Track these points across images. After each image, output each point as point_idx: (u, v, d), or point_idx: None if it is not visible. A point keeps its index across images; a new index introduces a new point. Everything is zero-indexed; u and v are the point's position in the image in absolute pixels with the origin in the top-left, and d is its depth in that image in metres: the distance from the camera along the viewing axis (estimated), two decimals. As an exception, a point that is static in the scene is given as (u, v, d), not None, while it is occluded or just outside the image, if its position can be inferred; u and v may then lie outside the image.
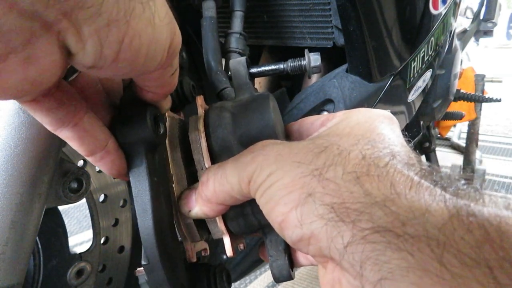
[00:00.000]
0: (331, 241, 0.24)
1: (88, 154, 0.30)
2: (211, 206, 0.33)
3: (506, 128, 3.30)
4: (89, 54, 0.22)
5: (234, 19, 0.59)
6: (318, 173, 0.27)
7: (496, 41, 6.17)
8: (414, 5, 0.68)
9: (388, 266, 0.21)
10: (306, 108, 0.65)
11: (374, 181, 0.25)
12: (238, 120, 0.35)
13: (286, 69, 0.50)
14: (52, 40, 0.21)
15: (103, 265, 0.56)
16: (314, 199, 0.26)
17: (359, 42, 0.60)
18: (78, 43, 0.21)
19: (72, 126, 0.28)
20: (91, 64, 0.23)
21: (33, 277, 0.49)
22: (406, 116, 0.84)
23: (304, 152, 0.29)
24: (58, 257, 0.50)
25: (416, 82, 0.77)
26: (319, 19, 0.64)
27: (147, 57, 0.24)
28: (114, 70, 0.24)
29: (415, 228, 0.22)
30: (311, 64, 0.49)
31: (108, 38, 0.22)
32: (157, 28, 0.24)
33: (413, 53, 0.71)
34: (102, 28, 0.21)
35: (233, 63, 0.42)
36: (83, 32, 0.21)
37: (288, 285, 1.41)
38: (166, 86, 0.31)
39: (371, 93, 0.65)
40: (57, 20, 0.20)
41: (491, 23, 1.71)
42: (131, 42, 0.23)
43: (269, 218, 0.29)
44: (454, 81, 1.13)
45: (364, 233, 0.23)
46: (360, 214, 0.24)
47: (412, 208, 0.23)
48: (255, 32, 0.74)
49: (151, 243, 0.31)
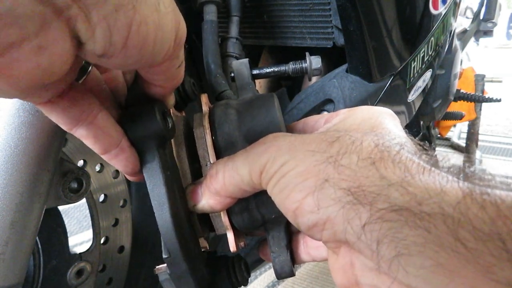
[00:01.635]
0: (348, 223, 0.25)
1: (102, 152, 0.31)
2: (219, 199, 0.33)
3: (506, 128, 3.30)
4: (99, 41, 0.22)
5: (230, 24, 0.61)
6: (333, 160, 0.27)
7: (496, 41, 6.17)
8: (414, 5, 0.68)
9: (405, 243, 0.22)
10: (306, 108, 0.65)
11: (389, 166, 0.26)
12: (243, 117, 0.35)
13: (287, 71, 0.51)
14: (63, 27, 0.21)
15: (103, 265, 0.56)
16: (331, 184, 0.26)
17: (359, 42, 0.60)
18: (88, 30, 0.21)
19: (87, 124, 0.29)
20: (101, 52, 0.23)
21: (33, 277, 0.49)
22: (406, 116, 0.84)
23: (317, 141, 0.29)
24: (58, 257, 0.50)
25: (416, 82, 0.77)
26: (319, 19, 0.64)
27: (155, 45, 0.25)
28: (124, 58, 0.24)
29: (431, 206, 0.23)
30: (312, 67, 0.50)
31: (116, 24, 0.22)
32: (163, 15, 0.25)
33: (413, 53, 0.71)
34: (110, 14, 0.21)
35: (236, 64, 0.42)
36: (92, 18, 0.21)
37: (288, 285, 1.41)
38: (173, 79, 0.31)
39: (371, 93, 0.65)
40: (67, 5, 0.20)
41: (491, 23, 1.71)
42: (138, 28, 0.23)
43: (283, 206, 0.29)
44: (454, 81, 1.13)
45: (381, 212, 0.24)
46: (377, 196, 0.25)
47: (427, 189, 0.24)
48: (255, 32, 0.74)
49: (171, 236, 0.31)
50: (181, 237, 0.31)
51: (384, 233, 0.23)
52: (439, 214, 0.22)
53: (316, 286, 1.39)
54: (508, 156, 2.71)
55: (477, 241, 0.21)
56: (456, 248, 0.21)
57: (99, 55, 0.23)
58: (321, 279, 1.41)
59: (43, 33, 0.20)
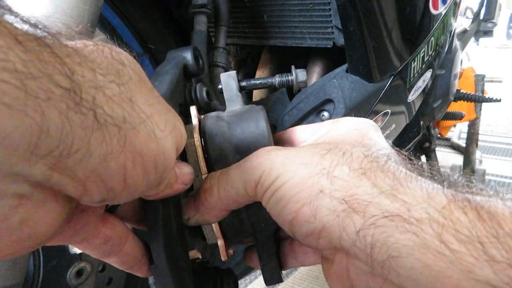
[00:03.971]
0: (343, 230, 0.26)
1: (126, 269, 0.32)
2: (214, 212, 0.33)
3: (506, 128, 3.30)
4: (94, 193, 0.21)
5: (218, 34, 0.61)
6: (326, 172, 0.29)
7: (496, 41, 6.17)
8: (414, 5, 0.68)
9: (396, 246, 0.24)
10: (306, 108, 0.65)
11: (379, 175, 0.28)
12: (233, 129, 0.36)
13: (274, 83, 0.52)
14: (47, 196, 0.20)
15: (103, 265, 0.56)
16: (325, 195, 0.28)
17: (359, 42, 0.60)
18: (78, 188, 0.20)
19: (117, 253, 0.30)
20: (100, 200, 0.22)
21: (33, 277, 0.49)
22: (406, 116, 0.84)
23: (310, 155, 0.30)
24: (58, 257, 0.50)
25: (416, 82, 0.77)
26: (319, 19, 0.65)
27: (157, 170, 0.24)
28: (128, 194, 0.23)
29: (419, 212, 0.24)
30: (298, 80, 0.51)
31: (108, 172, 0.20)
32: (161, 141, 0.23)
33: (413, 53, 0.71)
34: (98, 165, 0.19)
35: (224, 77, 0.43)
36: (79, 176, 0.19)
37: (288, 285, 1.41)
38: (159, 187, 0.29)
39: (371, 93, 0.65)
40: (46, 176, 0.18)
41: (491, 23, 1.71)
42: (134, 165, 0.21)
43: (279, 217, 0.30)
44: (454, 81, 1.13)
45: (373, 219, 0.25)
46: (369, 204, 0.26)
47: (415, 196, 0.26)
48: (255, 32, 0.74)
49: (159, 248, 0.31)
50: (169, 251, 0.31)
51: (377, 238, 0.25)
52: (426, 219, 0.24)
53: (316, 286, 1.39)
54: (508, 156, 2.71)
55: (459, 244, 0.23)
56: (441, 249, 0.23)
57: (99, 201, 0.22)
58: (321, 279, 1.41)
59: (22, 208, 0.18)
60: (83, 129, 0.18)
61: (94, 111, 0.19)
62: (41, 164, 0.18)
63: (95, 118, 0.19)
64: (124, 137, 0.20)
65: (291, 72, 0.55)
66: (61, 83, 0.17)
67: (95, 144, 0.19)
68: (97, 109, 0.19)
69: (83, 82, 0.19)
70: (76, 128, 0.18)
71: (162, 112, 0.25)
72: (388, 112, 0.72)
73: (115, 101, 0.20)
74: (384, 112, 0.72)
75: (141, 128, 0.22)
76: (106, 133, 0.19)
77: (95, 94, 0.19)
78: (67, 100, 0.18)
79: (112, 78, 0.21)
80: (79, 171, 0.19)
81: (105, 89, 0.20)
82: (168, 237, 0.31)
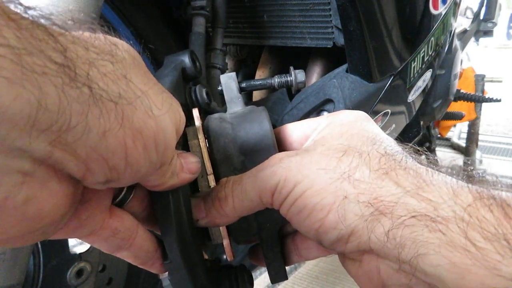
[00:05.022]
0: (371, 232, 0.27)
1: (140, 264, 0.32)
2: (226, 218, 0.33)
3: (506, 128, 3.30)
4: (97, 171, 0.21)
5: (215, 35, 0.62)
6: (347, 176, 0.28)
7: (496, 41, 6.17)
8: (414, 5, 0.68)
9: (424, 244, 0.25)
10: (306, 108, 0.65)
11: (400, 173, 0.28)
12: (237, 130, 0.36)
13: (273, 84, 0.52)
14: (50, 174, 0.20)
15: (103, 265, 0.56)
16: (350, 200, 0.28)
17: (359, 42, 0.60)
18: (80, 167, 0.20)
19: (128, 247, 0.29)
20: (104, 179, 0.22)
21: (33, 277, 0.49)
22: (406, 116, 0.84)
23: (326, 158, 0.30)
24: (58, 257, 0.50)
25: (416, 82, 0.77)
26: (319, 19, 0.64)
27: (157, 149, 0.23)
28: (132, 174, 0.23)
29: (446, 211, 0.25)
30: (297, 80, 0.52)
31: (108, 149, 0.20)
32: (159, 119, 0.23)
33: (413, 53, 0.71)
34: (98, 142, 0.20)
35: (224, 78, 0.43)
36: (80, 154, 0.19)
37: (288, 285, 1.41)
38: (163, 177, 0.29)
39: (371, 93, 0.65)
40: (47, 152, 0.18)
41: (491, 23, 1.71)
42: (134, 143, 0.21)
43: (303, 226, 0.30)
44: (454, 81, 1.13)
45: (401, 219, 0.26)
46: (396, 205, 0.26)
47: (441, 193, 0.26)
48: (255, 32, 0.74)
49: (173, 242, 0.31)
50: (182, 244, 0.31)
51: (406, 237, 0.25)
52: (452, 217, 0.24)
53: (316, 286, 1.38)
54: (508, 156, 2.71)
55: (485, 241, 0.23)
56: (466, 247, 0.23)
57: (103, 182, 0.22)
58: (321, 279, 1.41)
59: (26, 186, 0.18)
60: (80, 104, 0.18)
61: (89, 86, 0.19)
62: (42, 139, 0.18)
63: (90, 93, 0.19)
64: (122, 113, 0.20)
65: (290, 73, 0.55)
66: (55, 59, 0.18)
67: (93, 119, 0.19)
68: (92, 84, 0.19)
69: (76, 58, 0.19)
70: (73, 103, 0.18)
71: (157, 91, 0.25)
72: (388, 112, 0.72)
73: (109, 77, 0.20)
74: (384, 112, 0.72)
75: (137, 104, 0.22)
76: (103, 108, 0.19)
77: (89, 70, 0.19)
78: (62, 75, 0.18)
79: (105, 57, 0.21)
80: (80, 148, 0.19)
81: (99, 66, 0.20)
82: (180, 230, 0.31)
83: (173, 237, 0.31)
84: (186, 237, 0.32)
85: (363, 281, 0.30)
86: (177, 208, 0.31)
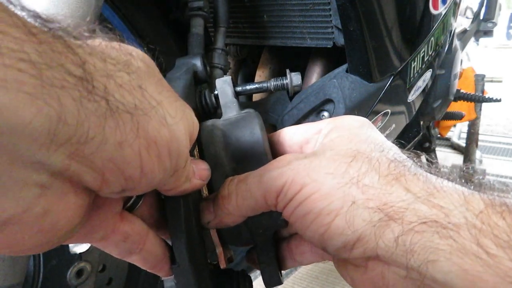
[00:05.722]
0: (379, 238, 0.26)
1: (149, 268, 0.32)
2: (232, 218, 0.33)
3: (506, 128, 3.30)
4: (113, 182, 0.21)
5: (217, 35, 0.62)
6: (356, 181, 0.28)
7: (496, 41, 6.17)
8: (414, 5, 0.68)
9: (434, 251, 0.24)
10: (306, 108, 0.65)
11: (410, 179, 0.28)
12: (228, 138, 0.36)
13: (269, 87, 0.52)
14: (67, 186, 0.20)
15: (103, 265, 0.56)
16: (358, 205, 0.27)
17: (359, 42, 0.60)
18: (96, 179, 0.20)
19: (139, 252, 0.30)
20: (120, 190, 0.22)
21: (33, 277, 0.49)
22: (406, 116, 0.84)
23: (335, 164, 0.29)
24: (58, 257, 0.50)
25: (416, 82, 0.77)
26: (319, 19, 0.64)
27: (171, 157, 0.24)
28: (147, 183, 0.23)
29: (457, 217, 0.25)
30: (293, 83, 0.52)
31: (124, 160, 0.20)
32: (172, 127, 0.23)
33: (413, 53, 0.71)
34: (114, 153, 0.20)
35: (219, 83, 0.43)
36: (97, 165, 0.20)
37: (288, 285, 1.41)
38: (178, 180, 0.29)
39: (371, 93, 0.65)
40: (65, 165, 0.19)
41: (491, 23, 1.71)
42: (149, 152, 0.22)
43: (307, 230, 0.29)
44: (454, 81, 1.13)
45: (412, 225, 0.25)
46: (406, 211, 0.26)
47: (452, 200, 0.26)
48: (255, 32, 0.74)
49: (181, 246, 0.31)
50: (191, 249, 0.32)
51: (416, 243, 0.25)
52: (464, 224, 0.24)
53: (316, 286, 1.38)
54: (508, 156, 2.71)
55: (498, 248, 0.23)
56: (478, 254, 0.23)
57: (119, 192, 0.22)
58: (321, 279, 1.41)
59: (43, 199, 0.19)
60: (97, 117, 0.19)
61: (106, 99, 0.19)
62: (60, 152, 0.18)
63: (107, 106, 0.19)
64: (137, 123, 0.21)
65: (286, 76, 0.55)
66: (74, 72, 0.18)
67: (110, 131, 0.19)
68: (108, 96, 0.19)
69: (94, 71, 0.19)
70: (91, 116, 0.18)
71: (171, 100, 0.25)
72: (388, 112, 0.72)
73: (125, 89, 0.21)
74: (384, 112, 0.72)
75: (152, 114, 0.22)
76: (119, 120, 0.20)
77: (106, 82, 0.20)
78: (80, 88, 0.18)
79: (121, 67, 0.21)
80: (97, 159, 0.19)
81: (115, 78, 0.20)
82: (190, 236, 0.31)
83: (182, 241, 0.31)
84: (194, 242, 0.32)
85: (366, 286, 0.29)
86: (187, 214, 0.31)
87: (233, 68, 0.88)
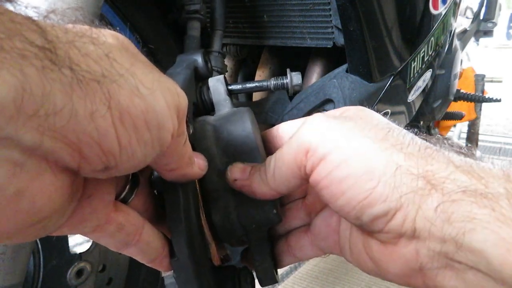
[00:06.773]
0: (419, 208, 0.26)
1: (148, 262, 0.31)
2: (265, 188, 0.32)
3: (506, 128, 3.30)
4: (92, 158, 0.20)
5: (214, 38, 0.62)
6: (400, 147, 0.27)
7: (496, 41, 6.17)
8: (414, 5, 0.68)
9: (472, 220, 0.24)
10: (306, 108, 0.65)
11: (451, 153, 0.28)
12: (220, 132, 0.36)
13: (269, 86, 0.52)
14: (42, 167, 0.19)
15: (103, 265, 0.56)
16: (403, 171, 0.26)
17: (359, 42, 0.60)
18: (73, 155, 0.19)
19: (135, 243, 0.29)
20: (102, 167, 0.21)
21: (33, 277, 0.49)
22: (406, 116, 0.84)
23: (374, 130, 0.28)
24: (58, 257, 0.50)
25: (416, 82, 0.77)
26: (319, 19, 0.65)
27: (150, 130, 0.22)
28: (130, 159, 0.22)
29: (497, 189, 0.25)
30: (293, 83, 0.52)
31: (99, 131, 0.20)
32: (147, 97, 0.22)
33: (413, 53, 0.71)
34: (87, 125, 0.19)
35: (212, 81, 0.43)
36: (71, 140, 0.19)
37: (288, 285, 1.41)
38: (182, 158, 0.28)
39: (371, 93, 0.65)
40: (37, 141, 0.18)
41: (491, 23, 1.71)
42: (123, 123, 0.21)
43: (341, 197, 0.28)
44: (454, 81, 1.13)
45: (450, 194, 0.25)
46: (446, 180, 0.26)
47: (492, 173, 0.26)
48: (255, 32, 0.74)
49: (181, 239, 0.31)
50: (190, 242, 0.31)
51: (455, 212, 0.24)
52: (503, 194, 0.24)
53: (316, 286, 1.38)
54: (508, 156, 2.71)
55: None
56: None
57: (102, 170, 0.21)
58: (321, 279, 1.41)
59: (16, 178, 0.18)
60: (63, 86, 0.18)
61: (71, 68, 0.19)
62: (29, 126, 0.17)
63: (73, 74, 0.18)
64: (107, 93, 0.20)
65: (286, 75, 0.55)
66: (35, 41, 0.17)
67: (78, 101, 0.18)
68: (73, 65, 0.19)
69: (57, 41, 0.19)
70: (56, 85, 0.18)
71: (146, 71, 0.23)
72: (388, 112, 0.73)
73: (91, 58, 0.20)
74: (384, 112, 0.72)
75: (122, 83, 0.21)
76: (87, 89, 0.19)
77: (70, 52, 0.19)
78: (43, 58, 0.17)
79: (86, 40, 0.21)
80: (70, 133, 0.18)
81: (79, 47, 0.20)
82: (188, 228, 0.31)
83: (181, 234, 0.31)
84: (194, 235, 0.32)
85: (397, 265, 0.28)
86: (186, 206, 0.31)
87: (233, 68, 0.88)
